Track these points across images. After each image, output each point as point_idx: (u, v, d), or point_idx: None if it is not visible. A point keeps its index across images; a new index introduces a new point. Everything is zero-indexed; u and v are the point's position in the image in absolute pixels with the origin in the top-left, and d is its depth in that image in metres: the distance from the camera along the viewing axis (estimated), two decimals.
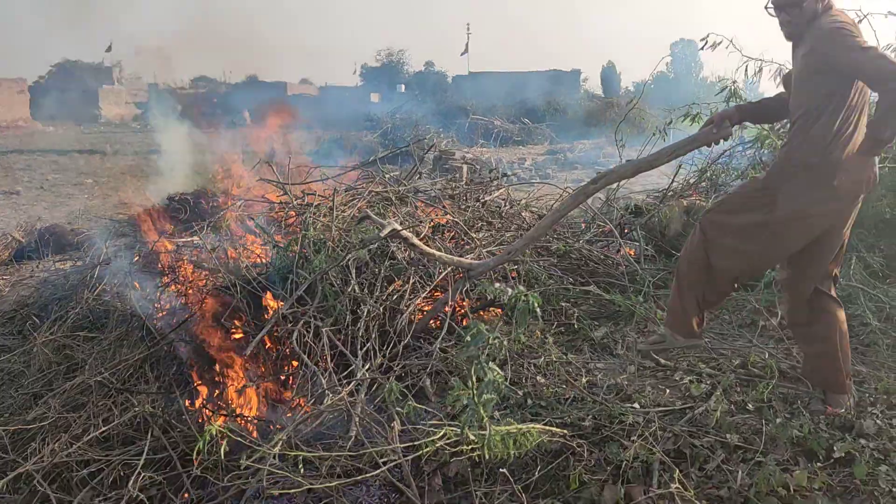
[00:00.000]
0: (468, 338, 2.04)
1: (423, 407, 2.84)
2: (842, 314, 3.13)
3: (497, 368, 2.04)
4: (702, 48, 4.84)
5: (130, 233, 5.49)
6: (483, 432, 2.10)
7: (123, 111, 47.93)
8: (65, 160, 20.03)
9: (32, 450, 3.21)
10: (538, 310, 2.23)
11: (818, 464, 2.68)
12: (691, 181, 6.61)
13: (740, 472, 2.64)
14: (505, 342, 2.12)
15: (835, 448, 2.73)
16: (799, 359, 3.71)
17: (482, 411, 2.03)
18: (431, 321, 4.04)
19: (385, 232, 3.41)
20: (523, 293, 2.18)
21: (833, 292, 3.15)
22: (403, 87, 53.28)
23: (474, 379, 2.00)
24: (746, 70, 4.96)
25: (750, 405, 3.18)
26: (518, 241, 3.92)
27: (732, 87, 5.10)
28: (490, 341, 2.01)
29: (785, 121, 3.92)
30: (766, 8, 3.07)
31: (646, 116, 5.78)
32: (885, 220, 5.00)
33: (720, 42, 4.80)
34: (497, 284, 2.38)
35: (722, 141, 3.44)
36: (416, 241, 3.62)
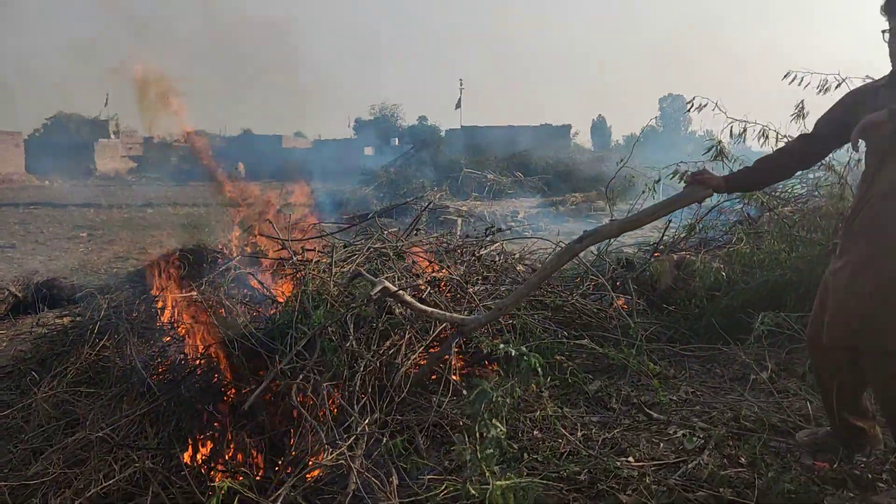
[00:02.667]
0: (472, 396, 2.11)
1: (426, 462, 2.88)
2: None
3: (500, 425, 2.11)
4: (688, 110, 5.03)
5: (128, 287, 5.55)
6: (485, 486, 2.15)
7: (118, 164, 48.35)
8: (60, 213, 20.15)
9: None
10: (539, 368, 2.30)
11: None
12: (682, 235, 6.76)
13: None
14: (508, 400, 2.19)
15: (825, 502, 2.79)
16: (790, 413, 3.78)
17: (484, 466, 2.09)
18: (427, 375, 4.10)
19: (375, 291, 3.48)
20: (525, 353, 2.26)
21: None
22: (397, 140, 54.08)
23: (478, 435, 2.07)
24: (731, 130, 5.14)
25: (742, 459, 3.23)
26: (509, 297, 4.02)
27: (718, 147, 5.27)
28: (494, 399, 2.09)
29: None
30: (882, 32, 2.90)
31: (635, 173, 5.94)
32: None
33: (706, 104, 5.00)
34: (496, 341, 2.46)
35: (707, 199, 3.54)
36: (407, 298, 3.70)
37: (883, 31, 2.88)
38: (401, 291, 3.69)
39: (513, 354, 2.28)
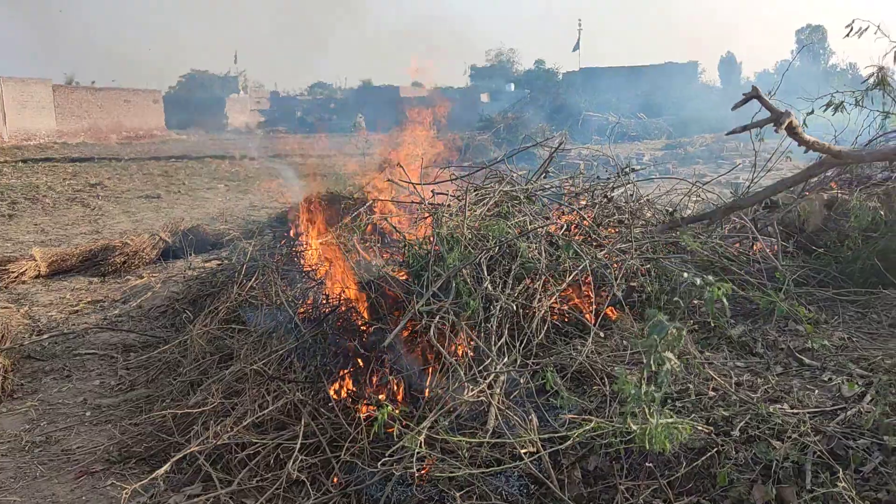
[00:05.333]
0: (647, 327, 2.06)
1: (576, 398, 2.86)
2: None
3: (674, 358, 2.05)
4: (847, 35, 4.60)
5: (269, 232, 5.80)
6: (645, 424, 2.11)
7: (248, 118, 50.50)
8: (198, 165, 21.33)
9: (195, 433, 3.48)
10: (725, 300, 2.22)
11: None
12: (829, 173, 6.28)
13: None
14: (684, 332, 2.12)
15: None
16: None
17: (649, 402, 2.04)
18: (561, 320, 4.07)
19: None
20: (710, 282, 2.18)
21: None
22: (513, 85, 53.28)
23: (653, 367, 2.02)
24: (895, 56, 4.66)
25: None
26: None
27: (880, 74, 4.81)
28: (670, 331, 2.03)
29: None
30: None
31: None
32: None
33: (867, 28, 4.55)
34: (686, 274, 2.38)
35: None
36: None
37: None
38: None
39: (697, 284, 2.21)
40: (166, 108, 43.90)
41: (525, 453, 2.82)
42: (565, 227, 4.63)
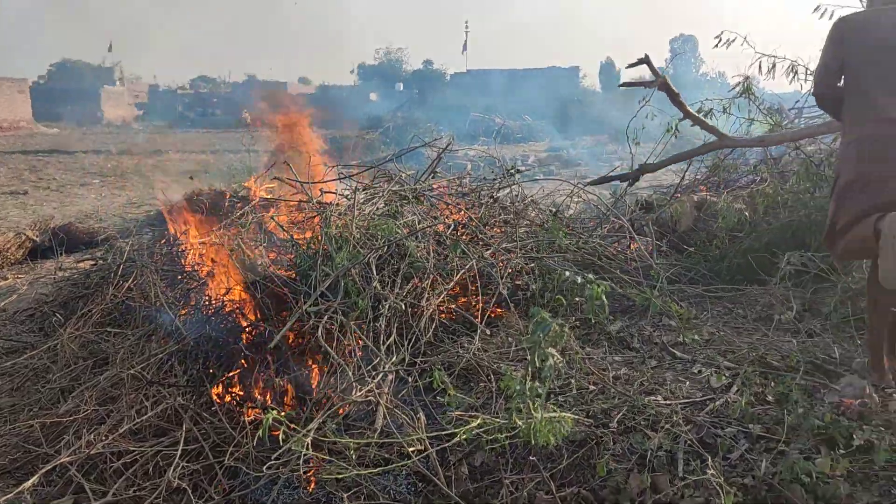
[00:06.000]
0: (531, 325, 2.11)
1: (462, 396, 2.90)
2: None
3: (557, 354, 2.11)
4: (716, 45, 4.90)
5: (148, 231, 5.55)
6: (530, 420, 2.16)
7: (125, 112, 47.98)
8: (69, 160, 20.09)
9: (66, 442, 3.28)
10: (604, 297, 2.30)
11: (839, 452, 2.74)
12: (698, 177, 6.68)
13: (764, 461, 2.70)
14: (566, 329, 2.18)
15: (854, 436, 2.80)
16: (815, 352, 3.78)
17: (533, 397, 2.10)
18: (449, 319, 4.11)
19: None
20: (591, 281, 2.25)
21: None
22: (402, 85, 53.34)
23: (537, 363, 2.07)
24: (760, 66, 5.01)
25: (770, 397, 3.24)
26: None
27: (746, 83, 5.16)
28: (554, 328, 2.08)
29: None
30: None
31: (653, 115, 5.83)
32: None
33: (734, 39, 4.87)
34: (567, 272, 2.45)
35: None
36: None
37: None
38: None
39: (579, 282, 2.28)
40: (34, 100, 41.01)
41: (413, 452, 2.83)
42: (453, 226, 4.68)
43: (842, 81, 3.45)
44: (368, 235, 4.33)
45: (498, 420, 2.33)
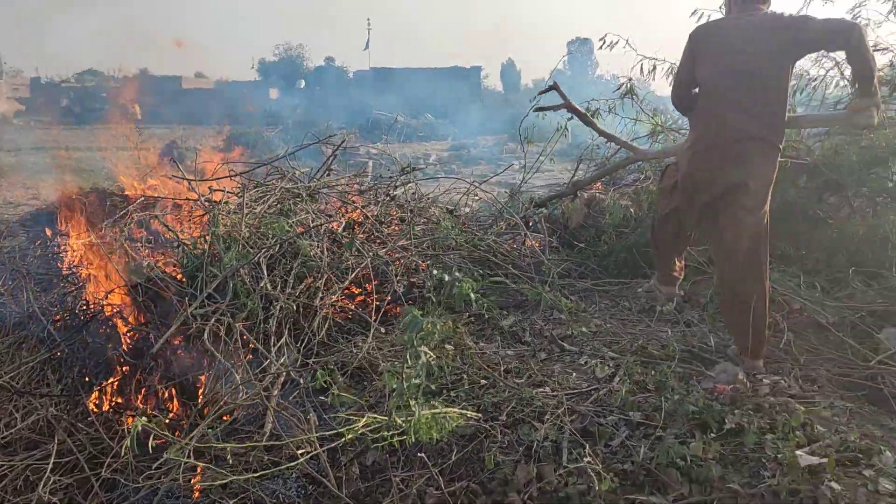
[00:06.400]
0: (402, 324, 2.11)
1: (349, 396, 2.87)
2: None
3: (429, 351, 2.11)
4: (600, 47, 5.07)
5: (22, 233, 5.23)
6: (411, 417, 2.17)
7: (3, 107, 45.06)
8: None
9: None
10: (471, 294, 2.32)
11: (712, 435, 2.88)
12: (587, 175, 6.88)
13: (643, 447, 2.81)
14: (438, 327, 2.19)
15: (726, 420, 2.95)
16: (694, 341, 3.98)
17: (411, 395, 2.10)
18: (344, 318, 4.08)
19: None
20: (458, 279, 2.27)
21: None
22: (303, 82, 52.51)
23: (409, 361, 2.07)
24: (642, 68, 5.23)
25: (650, 385, 3.38)
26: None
27: (629, 85, 5.36)
28: (424, 326, 2.08)
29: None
30: None
31: (544, 115, 5.99)
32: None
33: (616, 42, 5.06)
34: (435, 271, 2.46)
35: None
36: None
37: None
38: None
39: (445, 279, 2.29)
40: None
41: (301, 454, 2.78)
42: (348, 224, 4.64)
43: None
44: (259, 234, 4.23)
45: (385, 418, 2.32)
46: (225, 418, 3.31)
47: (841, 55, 5.10)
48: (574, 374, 3.59)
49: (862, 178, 5.11)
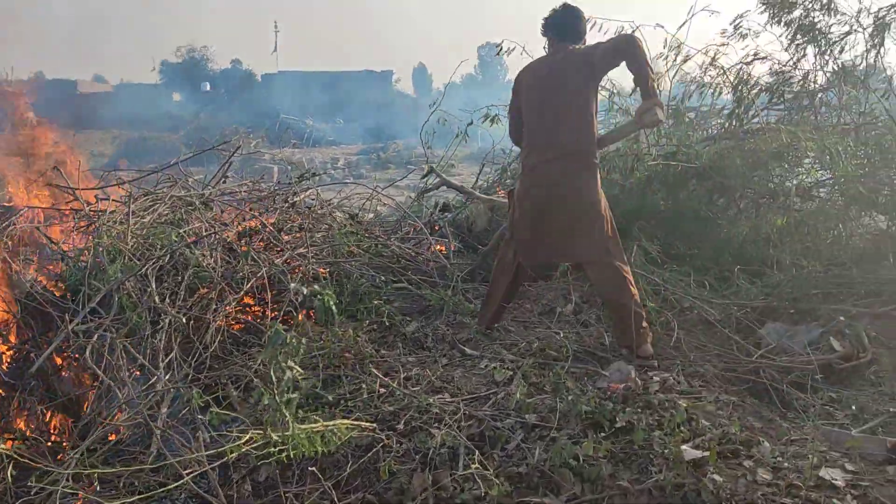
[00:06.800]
0: (265, 339, 2.05)
1: (228, 413, 2.78)
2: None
3: (296, 367, 2.06)
4: (497, 53, 5.13)
5: None
6: (287, 432, 2.11)
7: None
8: None
9: None
10: (333, 307, 2.28)
11: (603, 434, 2.95)
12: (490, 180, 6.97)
13: (537, 449, 2.84)
14: (304, 341, 2.14)
15: (617, 419, 3.02)
16: (591, 341, 4.07)
17: (285, 410, 2.04)
18: (238, 329, 3.97)
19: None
20: (318, 292, 2.22)
21: None
22: (209, 85, 51.13)
23: (274, 379, 2.01)
24: None
25: (547, 386, 3.43)
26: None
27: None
28: (288, 340, 2.03)
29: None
30: None
31: (448, 118, 6.07)
32: (660, 212, 5.58)
33: (514, 48, 5.13)
34: (293, 285, 2.40)
35: None
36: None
37: None
38: None
39: (305, 293, 2.24)
40: None
41: (188, 473, 2.68)
42: (244, 233, 4.52)
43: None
44: (148, 245, 4.06)
45: (271, 434, 2.26)
46: (111, 438, 3.16)
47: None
48: (474, 378, 3.60)
49: (746, 180, 5.36)
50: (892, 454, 2.79)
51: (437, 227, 6.10)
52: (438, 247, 5.65)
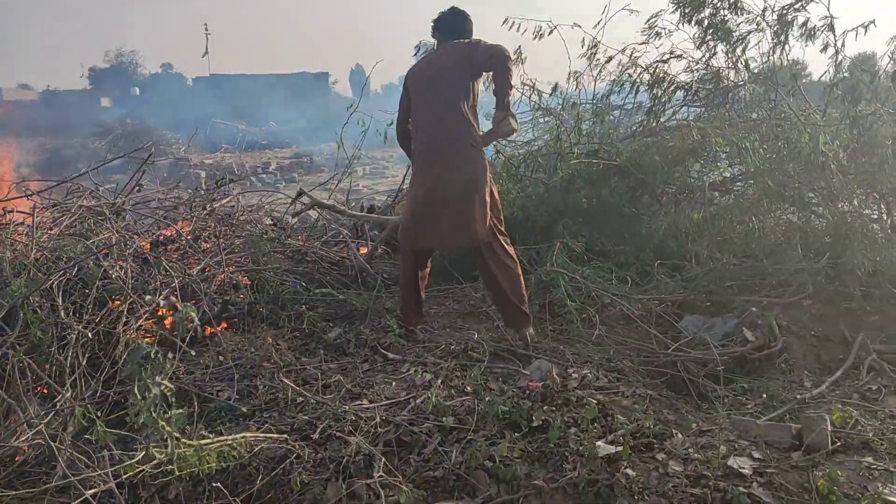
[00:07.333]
0: (126, 355, 1.97)
1: (116, 432, 2.67)
2: None
3: (166, 382, 1.99)
4: (414, 54, 5.10)
5: None
6: (170, 451, 2.04)
7: None
8: None
9: None
10: (195, 318, 2.22)
11: (519, 434, 2.95)
12: None
13: (454, 452, 2.82)
14: (169, 355, 2.07)
15: (533, 418, 3.03)
16: (513, 340, 4.09)
17: (165, 427, 1.97)
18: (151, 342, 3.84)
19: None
20: (172, 304, 2.16)
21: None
22: (138, 90, 49.80)
23: (139, 395, 1.94)
24: None
25: (468, 387, 3.42)
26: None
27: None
28: (152, 356, 1.96)
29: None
30: None
31: (368, 120, 6.01)
32: (584, 209, 5.64)
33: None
34: (162, 300, 2.33)
35: None
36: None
37: None
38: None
39: (161, 305, 2.18)
40: None
41: (92, 493, 2.57)
42: (156, 242, 4.38)
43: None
44: (54, 258, 3.90)
45: (154, 453, 2.17)
46: (17, 459, 3.02)
47: None
48: (394, 383, 3.56)
49: (665, 176, 5.47)
50: (797, 440, 2.87)
51: (361, 231, 6.04)
52: (363, 250, 5.60)
